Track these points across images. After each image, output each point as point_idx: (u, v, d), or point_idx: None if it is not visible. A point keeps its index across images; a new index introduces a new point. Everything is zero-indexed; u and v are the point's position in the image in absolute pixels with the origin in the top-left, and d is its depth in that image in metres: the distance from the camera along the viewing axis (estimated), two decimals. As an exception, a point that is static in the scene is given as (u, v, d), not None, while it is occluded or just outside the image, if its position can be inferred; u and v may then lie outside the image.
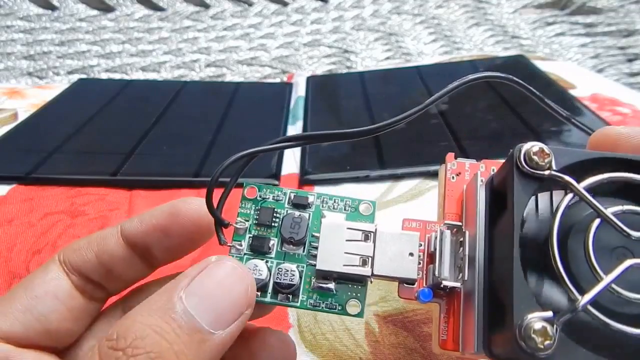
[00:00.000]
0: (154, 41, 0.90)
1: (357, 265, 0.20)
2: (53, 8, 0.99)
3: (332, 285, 0.20)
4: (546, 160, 0.17)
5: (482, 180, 0.20)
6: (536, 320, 0.15)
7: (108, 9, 0.99)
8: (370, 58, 0.85)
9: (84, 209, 0.41)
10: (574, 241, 0.17)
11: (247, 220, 0.23)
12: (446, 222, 0.21)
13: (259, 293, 0.21)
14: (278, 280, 0.21)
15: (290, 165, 0.47)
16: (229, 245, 0.22)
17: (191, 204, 0.23)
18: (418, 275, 0.20)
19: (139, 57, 0.86)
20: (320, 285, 0.20)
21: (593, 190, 0.17)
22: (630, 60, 0.85)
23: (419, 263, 0.21)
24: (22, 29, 0.93)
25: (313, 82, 0.66)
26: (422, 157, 0.45)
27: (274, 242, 0.22)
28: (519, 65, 0.64)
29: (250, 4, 1.02)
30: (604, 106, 0.54)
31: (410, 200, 0.41)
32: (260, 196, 0.23)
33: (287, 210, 0.22)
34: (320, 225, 0.21)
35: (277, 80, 0.77)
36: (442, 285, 0.20)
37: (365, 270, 0.20)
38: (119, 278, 0.22)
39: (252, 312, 0.18)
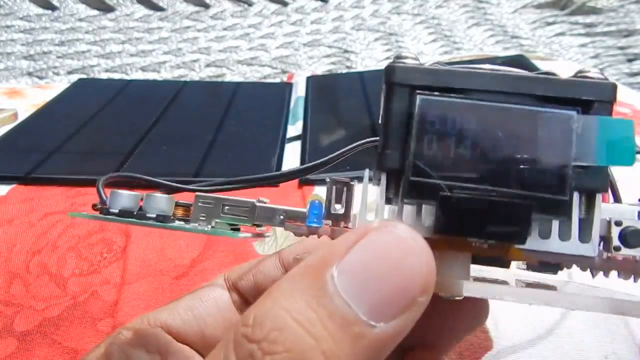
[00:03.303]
0: (154, 41, 0.90)
1: None
2: (53, 8, 0.99)
3: None
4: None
5: None
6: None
7: (108, 9, 0.99)
8: (370, 58, 0.85)
9: (84, 209, 0.41)
10: None
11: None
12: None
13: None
14: None
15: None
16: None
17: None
18: None
19: (139, 57, 0.86)
20: None
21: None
22: (630, 60, 0.85)
23: None
24: (22, 29, 0.93)
25: (313, 82, 0.66)
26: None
27: None
28: (519, 65, 0.63)
29: (250, 4, 1.02)
30: (604, 106, 0.54)
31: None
32: None
33: None
34: None
35: (277, 80, 0.77)
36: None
37: None
38: None
39: (428, 300, 0.13)
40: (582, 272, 0.16)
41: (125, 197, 0.19)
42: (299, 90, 0.63)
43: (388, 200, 0.16)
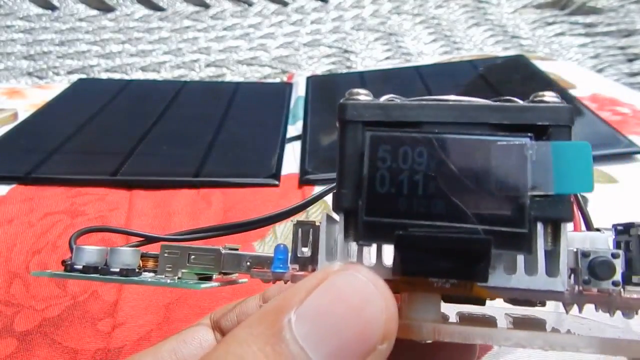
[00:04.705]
0: (154, 41, 0.90)
1: None
2: (53, 8, 0.99)
3: None
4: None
5: None
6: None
7: (108, 9, 0.99)
8: (370, 58, 0.85)
9: (84, 209, 0.41)
10: None
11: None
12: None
13: None
14: None
15: (290, 165, 0.47)
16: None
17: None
18: None
19: (139, 57, 0.86)
20: None
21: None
22: (630, 60, 0.85)
23: None
24: (22, 29, 0.93)
25: (313, 82, 0.66)
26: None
27: None
28: (519, 65, 0.63)
29: (250, 4, 1.02)
30: (603, 106, 0.54)
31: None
32: None
33: None
34: None
35: (277, 80, 0.77)
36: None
37: None
38: None
39: (390, 347, 0.13)
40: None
41: (89, 253, 0.18)
42: (299, 90, 0.63)
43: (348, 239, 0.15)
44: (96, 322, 0.31)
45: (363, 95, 0.16)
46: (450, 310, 0.17)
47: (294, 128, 0.54)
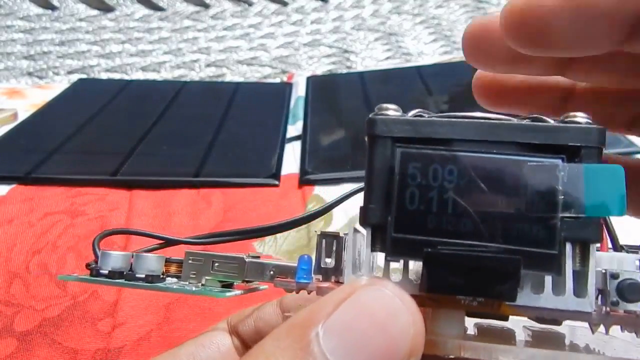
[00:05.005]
0: (154, 41, 0.90)
1: None
2: (53, 8, 0.99)
3: None
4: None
5: None
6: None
7: (108, 9, 0.99)
8: (370, 58, 0.85)
9: (84, 209, 0.41)
10: None
11: None
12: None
13: None
14: None
15: (290, 165, 0.47)
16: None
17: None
18: None
19: (139, 57, 0.86)
20: None
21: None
22: (630, 60, 0.85)
23: None
24: (22, 29, 0.93)
25: (313, 82, 0.66)
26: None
27: None
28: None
29: (250, 4, 1.02)
30: (604, 106, 0.54)
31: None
32: None
33: None
34: None
35: (277, 80, 0.77)
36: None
37: None
38: None
39: None
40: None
41: (115, 258, 0.19)
42: (299, 90, 0.63)
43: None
44: (96, 322, 0.31)
45: (392, 111, 0.16)
46: (468, 321, 0.17)
47: (294, 128, 0.54)
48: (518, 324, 0.18)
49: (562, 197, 0.14)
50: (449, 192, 0.14)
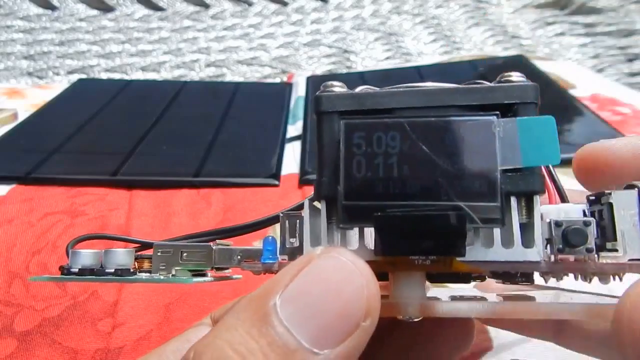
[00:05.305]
0: (154, 41, 0.90)
1: None
2: (53, 8, 0.99)
3: None
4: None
5: None
6: None
7: (108, 9, 0.99)
8: (370, 58, 0.85)
9: (84, 209, 0.41)
10: None
11: None
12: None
13: None
14: None
15: (290, 165, 0.47)
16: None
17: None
18: None
19: (138, 57, 0.86)
20: None
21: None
22: (630, 60, 0.85)
23: None
24: (22, 29, 0.93)
25: (313, 82, 0.66)
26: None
27: None
28: (519, 65, 0.63)
29: (250, 4, 1.02)
30: (604, 106, 0.54)
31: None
32: None
33: None
34: None
35: (277, 80, 0.77)
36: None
37: None
38: None
39: (374, 324, 0.13)
40: (569, 278, 0.16)
41: (85, 256, 0.19)
42: (299, 90, 0.63)
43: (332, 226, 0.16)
44: (96, 322, 0.31)
45: (337, 87, 0.16)
46: (445, 295, 0.17)
47: (294, 128, 0.54)
48: (492, 295, 0.18)
49: (500, 151, 0.15)
50: (393, 157, 0.15)
